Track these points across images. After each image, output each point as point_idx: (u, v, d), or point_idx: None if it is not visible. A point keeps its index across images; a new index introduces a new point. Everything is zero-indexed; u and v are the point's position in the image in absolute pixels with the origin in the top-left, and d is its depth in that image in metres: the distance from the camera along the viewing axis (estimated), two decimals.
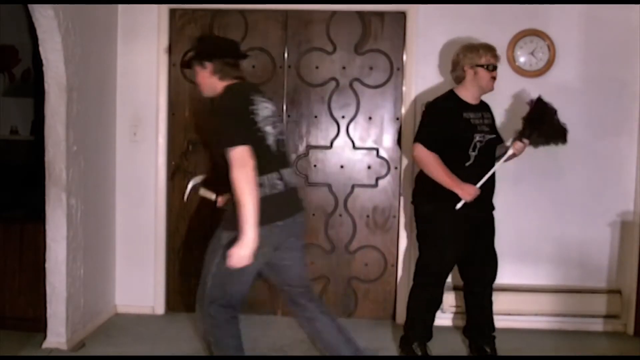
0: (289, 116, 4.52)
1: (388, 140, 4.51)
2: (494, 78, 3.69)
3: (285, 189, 2.93)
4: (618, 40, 4.32)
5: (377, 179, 4.53)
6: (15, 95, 5.38)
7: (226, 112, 2.87)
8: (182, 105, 4.56)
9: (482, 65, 3.64)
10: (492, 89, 3.74)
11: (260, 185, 2.82)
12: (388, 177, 4.52)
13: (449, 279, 4.42)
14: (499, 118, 4.37)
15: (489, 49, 3.69)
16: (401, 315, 4.46)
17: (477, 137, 3.64)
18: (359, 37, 4.47)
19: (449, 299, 4.35)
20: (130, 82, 4.50)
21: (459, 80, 3.71)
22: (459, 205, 3.59)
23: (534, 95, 3.83)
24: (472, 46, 3.71)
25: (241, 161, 2.72)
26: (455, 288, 4.36)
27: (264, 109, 2.94)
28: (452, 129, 3.59)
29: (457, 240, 3.68)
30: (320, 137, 4.53)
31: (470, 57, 3.64)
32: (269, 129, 2.91)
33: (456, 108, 3.65)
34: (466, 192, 3.56)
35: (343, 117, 4.50)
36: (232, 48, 3.11)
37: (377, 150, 4.51)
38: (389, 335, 4.24)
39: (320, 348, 3.25)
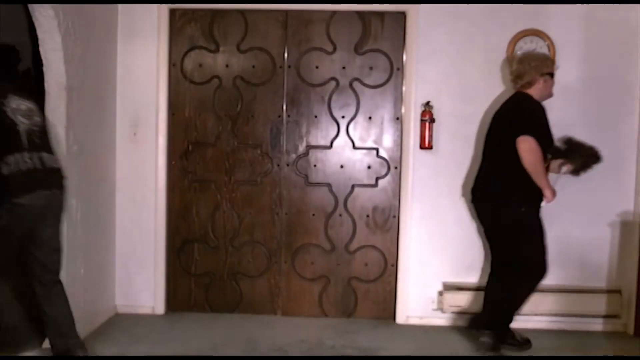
0: (288, 116, 4.52)
1: (388, 140, 4.51)
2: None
3: (33, 168, 3.25)
4: (618, 40, 4.32)
5: (377, 179, 4.53)
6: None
7: None
8: (182, 105, 4.56)
9: (550, 74, 3.86)
10: (552, 95, 3.93)
11: (6, 163, 3.17)
12: (388, 177, 4.52)
13: (449, 279, 4.44)
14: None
15: (552, 59, 3.98)
16: (401, 315, 4.47)
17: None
18: (359, 37, 4.47)
19: (450, 299, 4.35)
20: (131, 82, 4.50)
21: (528, 87, 3.82)
22: (543, 204, 3.77)
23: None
24: (538, 56, 3.92)
25: None
26: (456, 288, 4.36)
27: (18, 105, 3.31)
28: (549, 133, 3.80)
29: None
30: (320, 137, 4.53)
31: (540, 66, 3.81)
32: (20, 118, 3.28)
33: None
34: (552, 194, 3.75)
35: (343, 117, 4.51)
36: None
37: (377, 150, 4.51)
38: (389, 335, 4.24)
39: None
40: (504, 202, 3.75)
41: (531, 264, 3.76)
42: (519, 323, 4.34)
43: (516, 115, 3.73)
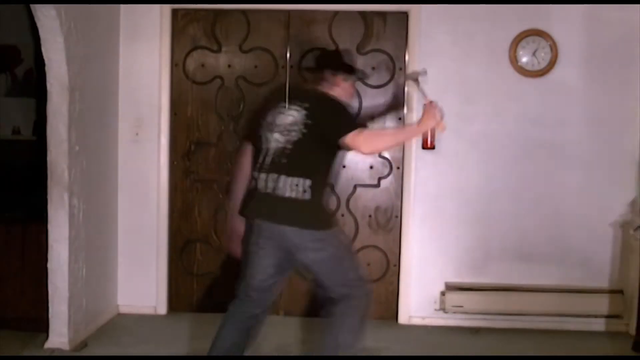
0: None
1: None
2: None
3: (258, 191, 2.99)
4: (620, 40, 4.32)
5: (379, 179, 4.52)
6: (18, 95, 5.38)
7: None
8: (184, 105, 4.56)
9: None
10: None
11: (253, 178, 3.04)
12: (390, 177, 4.51)
13: (451, 280, 4.44)
14: (501, 120, 4.38)
15: None
16: (404, 315, 4.47)
17: None
18: (361, 37, 4.46)
19: (452, 299, 4.34)
20: (133, 82, 4.50)
21: None
22: None
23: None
24: None
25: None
26: (459, 288, 4.36)
27: (281, 115, 3.01)
28: None
29: None
30: None
31: None
32: (269, 135, 3.02)
33: None
34: None
35: None
36: None
37: None
38: (391, 335, 4.24)
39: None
40: None
41: None
42: (521, 323, 4.35)
43: None
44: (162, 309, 4.59)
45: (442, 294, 4.40)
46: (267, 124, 3.04)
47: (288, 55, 4.49)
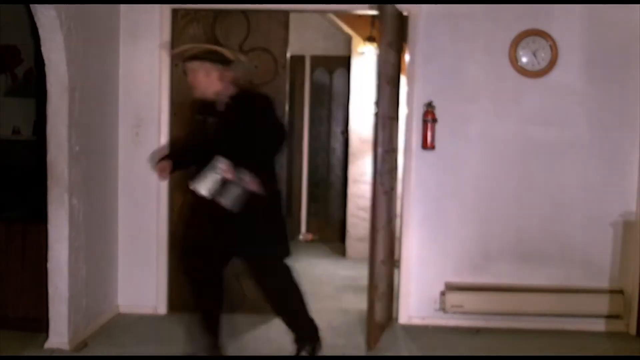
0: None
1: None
2: None
3: None
4: (621, 41, 4.31)
5: None
6: (18, 95, 5.39)
7: None
8: (184, 105, 4.55)
9: None
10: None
11: None
12: None
13: (451, 279, 4.44)
14: (501, 120, 4.38)
15: None
16: (403, 315, 4.47)
17: None
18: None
19: (452, 299, 4.34)
20: (133, 82, 4.50)
21: None
22: None
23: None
24: None
25: None
26: (458, 288, 4.36)
27: None
28: None
29: None
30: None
31: None
32: None
33: None
34: None
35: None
36: None
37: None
38: (391, 335, 4.23)
39: None
40: None
41: None
42: (521, 323, 4.35)
43: None
44: (162, 309, 4.59)
45: (442, 294, 4.40)
46: None
47: (288, 55, 4.49)
